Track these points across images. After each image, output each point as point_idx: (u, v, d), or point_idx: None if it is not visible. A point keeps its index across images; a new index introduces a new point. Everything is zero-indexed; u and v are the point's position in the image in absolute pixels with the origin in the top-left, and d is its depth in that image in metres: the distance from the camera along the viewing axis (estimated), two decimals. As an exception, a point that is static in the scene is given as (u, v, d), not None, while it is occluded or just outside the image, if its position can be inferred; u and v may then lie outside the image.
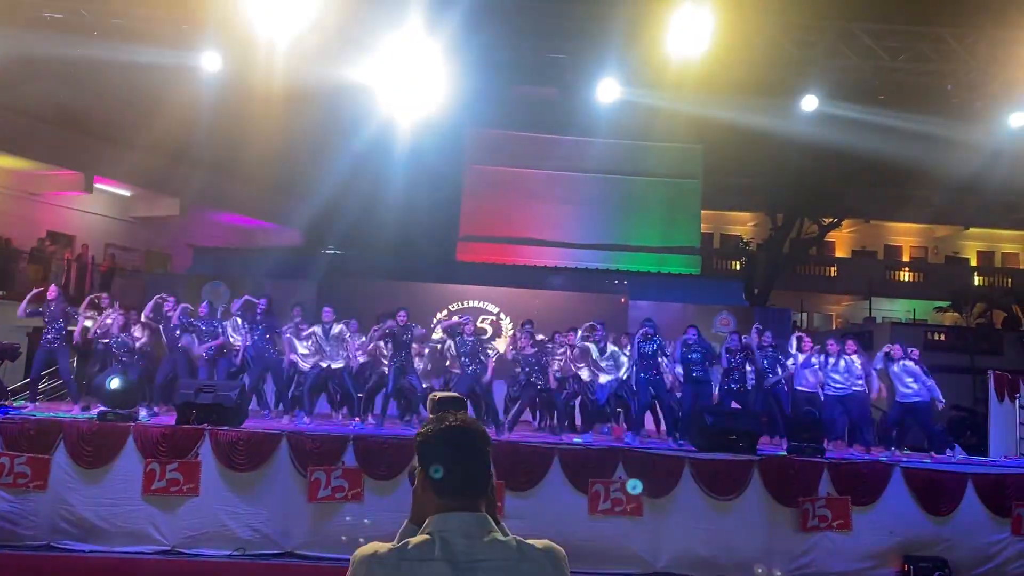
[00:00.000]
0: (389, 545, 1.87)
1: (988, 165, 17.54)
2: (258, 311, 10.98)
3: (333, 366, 10.76)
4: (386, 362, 10.95)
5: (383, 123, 14.11)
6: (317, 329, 10.76)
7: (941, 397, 10.59)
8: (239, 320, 11.23)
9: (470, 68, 12.09)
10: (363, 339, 11.21)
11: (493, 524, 1.88)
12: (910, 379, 10.51)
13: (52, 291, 10.86)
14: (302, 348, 10.89)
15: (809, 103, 11.56)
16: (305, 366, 10.86)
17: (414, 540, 1.85)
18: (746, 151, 24.28)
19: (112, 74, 15.53)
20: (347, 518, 8.62)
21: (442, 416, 1.95)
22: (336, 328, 10.75)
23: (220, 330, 11.22)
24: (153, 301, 11.12)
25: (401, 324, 10.42)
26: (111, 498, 8.73)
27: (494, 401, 10.84)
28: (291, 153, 23.49)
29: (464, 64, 11.96)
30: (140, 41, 11.46)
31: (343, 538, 8.49)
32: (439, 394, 2.28)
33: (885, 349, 10.86)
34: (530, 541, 1.89)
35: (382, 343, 10.99)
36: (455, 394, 2.28)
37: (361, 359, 11.22)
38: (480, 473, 1.92)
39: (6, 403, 10.06)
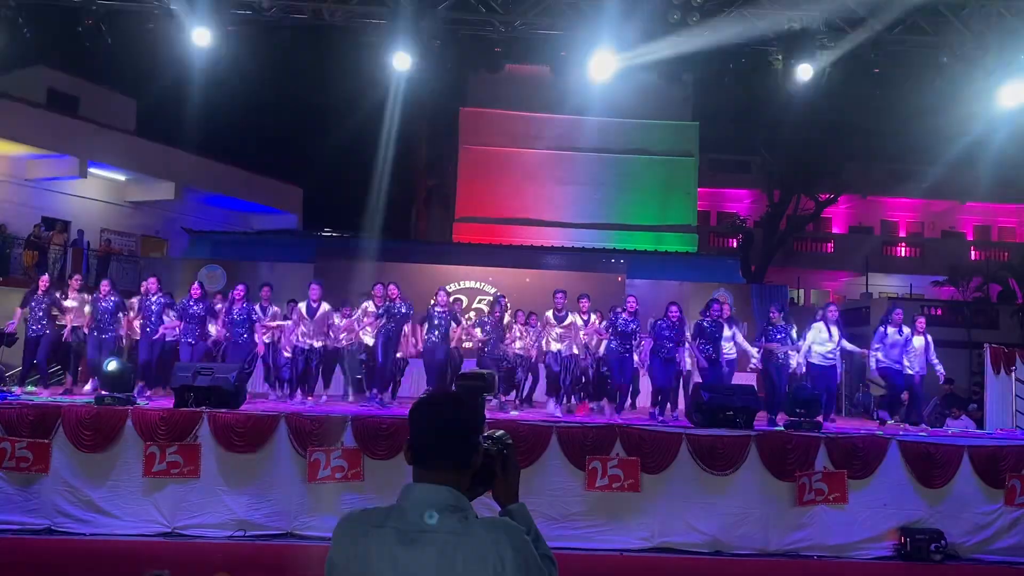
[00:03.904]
0: (365, 508, 1.95)
1: (984, 139, 17.51)
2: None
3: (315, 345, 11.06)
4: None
5: (376, 105, 14.06)
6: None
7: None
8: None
9: (461, 47, 12.00)
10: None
11: (457, 500, 1.85)
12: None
13: (44, 281, 10.92)
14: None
15: (804, 72, 11.46)
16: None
17: (384, 506, 1.90)
18: (742, 128, 24.25)
19: (104, 57, 15.41)
20: (347, 498, 8.66)
21: (433, 390, 1.99)
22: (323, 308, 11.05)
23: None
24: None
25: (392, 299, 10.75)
26: (112, 481, 8.78)
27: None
28: (285, 136, 23.44)
29: (455, 43, 11.88)
30: (129, 19, 11.37)
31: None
32: (467, 371, 2.30)
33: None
34: (482, 518, 1.86)
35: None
36: (480, 370, 2.29)
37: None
38: (450, 446, 1.91)
39: (4, 388, 10.09)
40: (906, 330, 10.91)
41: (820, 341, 10.71)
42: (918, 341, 10.98)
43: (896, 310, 11.09)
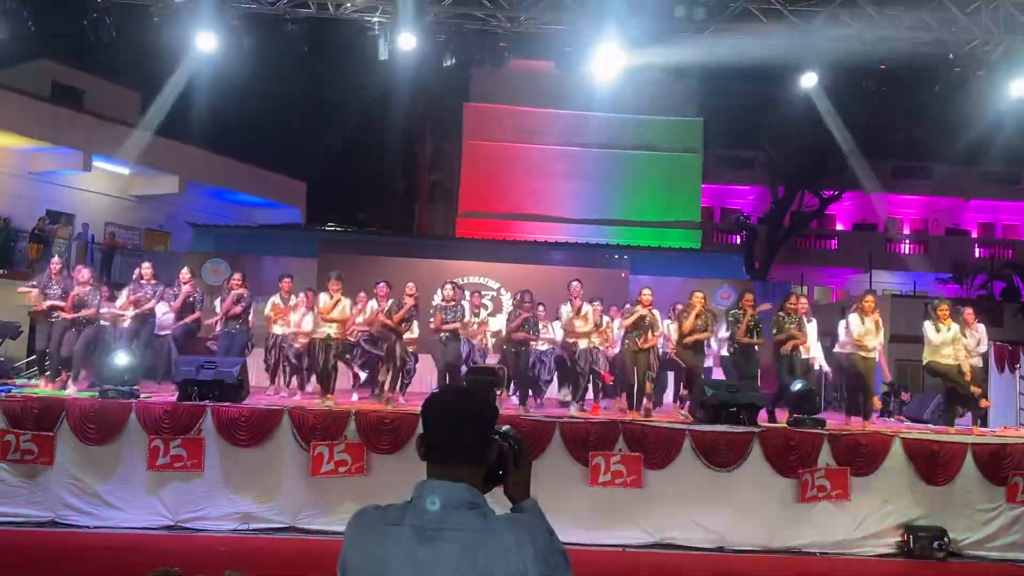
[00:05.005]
0: (378, 505, 1.90)
1: (989, 136, 17.47)
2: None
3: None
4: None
5: (380, 100, 14.07)
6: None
7: None
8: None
9: (465, 41, 12.00)
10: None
11: (474, 496, 1.82)
12: None
13: (56, 263, 10.73)
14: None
15: (808, 79, 11.47)
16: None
17: (399, 503, 1.86)
18: (747, 124, 24.21)
19: (108, 50, 15.45)
20: (350, 492, 8.68)
21: (446, 385, 1.95)
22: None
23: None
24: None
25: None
26: (116, 474, 8.81)
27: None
28: (289, 130, 23.46)
29: (459, 37, 11.88)
30: (134, 12, 11.39)
31: (346, 512, 8.54)
32: (478, 366, 2.27)
33: None
34: (502, 515, 1.83)
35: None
36: (490, 365, 2.26)
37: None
38: (466, 442, 1.88)
39: (8, 381, 10.10)
40: (955, 326, 10.06)
41: (859, 331, 10.08)
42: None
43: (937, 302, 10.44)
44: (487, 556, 1.74)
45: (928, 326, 10.11)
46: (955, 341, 9.92)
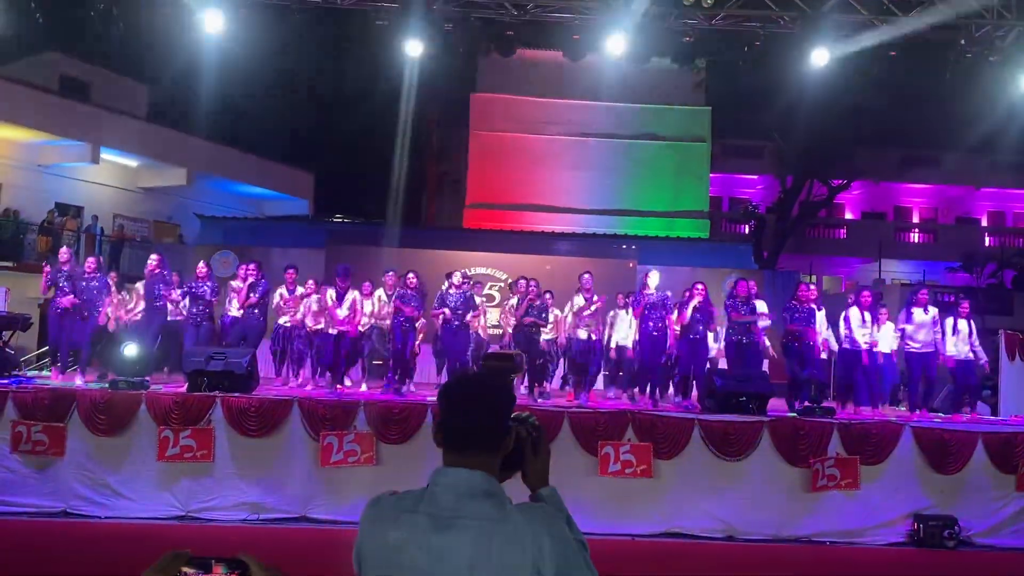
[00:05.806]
0: (394, 492, 1.89)
1: (1000, 124, 17.30)
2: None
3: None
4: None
5: (387, 91, 14.05)
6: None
7: None
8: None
9: (472, 31, 11.95)
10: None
11: (491, 485, 1.81)
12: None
13: (64, 253, 10.70)
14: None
15: (820, 57, 11.33)
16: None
17: (415, 490, 1.85)
18: (755, 113, 24.07)
19: (116, 43, 15.48)
20: (359, 482, 8.70)
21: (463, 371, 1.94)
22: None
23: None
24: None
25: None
26: (126, 465, 8.85)
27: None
28: (297, 122, 23.46)
29: (466, 27, 11.82)
30: (141, 4, 11.38)
31: (355, 502, 8.58)
32: (494, 352, 2.25)
33: None
34: (518, 504, 1.82)
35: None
36: (509, 351, 2.25)
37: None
38: (484, 429, 1.86)
39: (18, 373, 10.13)
40: (932, 310, 10.65)
41: (858, 326, 10.41)
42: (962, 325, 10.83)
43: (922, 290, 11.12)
44: (502, 545, 1.73)
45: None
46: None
